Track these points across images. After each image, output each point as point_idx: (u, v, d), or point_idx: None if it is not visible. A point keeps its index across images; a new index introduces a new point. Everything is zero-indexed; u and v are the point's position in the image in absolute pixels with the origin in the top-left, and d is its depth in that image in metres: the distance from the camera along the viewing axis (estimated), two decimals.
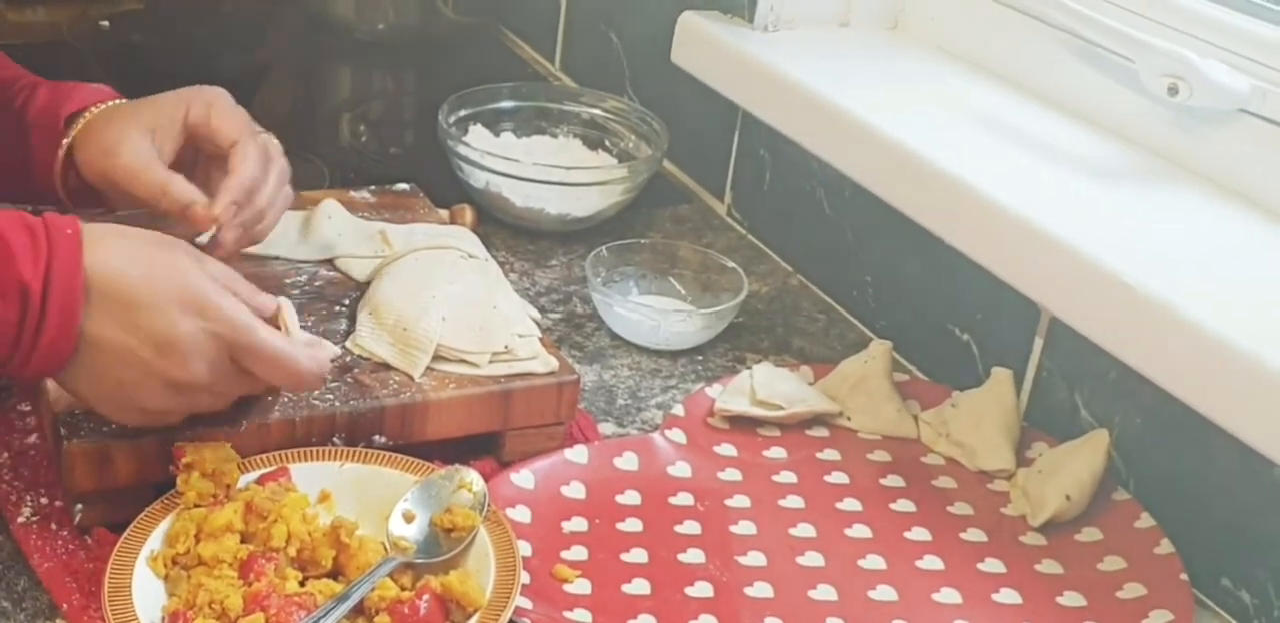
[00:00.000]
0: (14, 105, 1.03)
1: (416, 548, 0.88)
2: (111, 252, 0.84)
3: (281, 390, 0.92)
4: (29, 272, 0.80)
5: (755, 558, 0.94)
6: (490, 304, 1.03)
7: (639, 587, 0.91)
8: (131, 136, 0.98)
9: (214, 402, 0.88)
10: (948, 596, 0.92)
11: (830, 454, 1.05)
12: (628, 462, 1.02)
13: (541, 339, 1.02)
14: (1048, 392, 1.08)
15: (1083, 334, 0.97)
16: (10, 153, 1.03)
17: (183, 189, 0.96)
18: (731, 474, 1.02)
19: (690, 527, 0.97)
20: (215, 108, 0.99)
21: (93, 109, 1.01)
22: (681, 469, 1.02)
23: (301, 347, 0.88)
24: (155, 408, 0.85)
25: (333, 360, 0.93)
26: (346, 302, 1.05)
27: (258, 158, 0.98)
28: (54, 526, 0.90)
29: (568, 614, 0.87)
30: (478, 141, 1.35)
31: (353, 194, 1.20)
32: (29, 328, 0.81)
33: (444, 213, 1.23)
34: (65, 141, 1.00)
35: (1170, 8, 1.09)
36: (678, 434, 1.05)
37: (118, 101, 1.03)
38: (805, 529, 0.97)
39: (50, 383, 0.90)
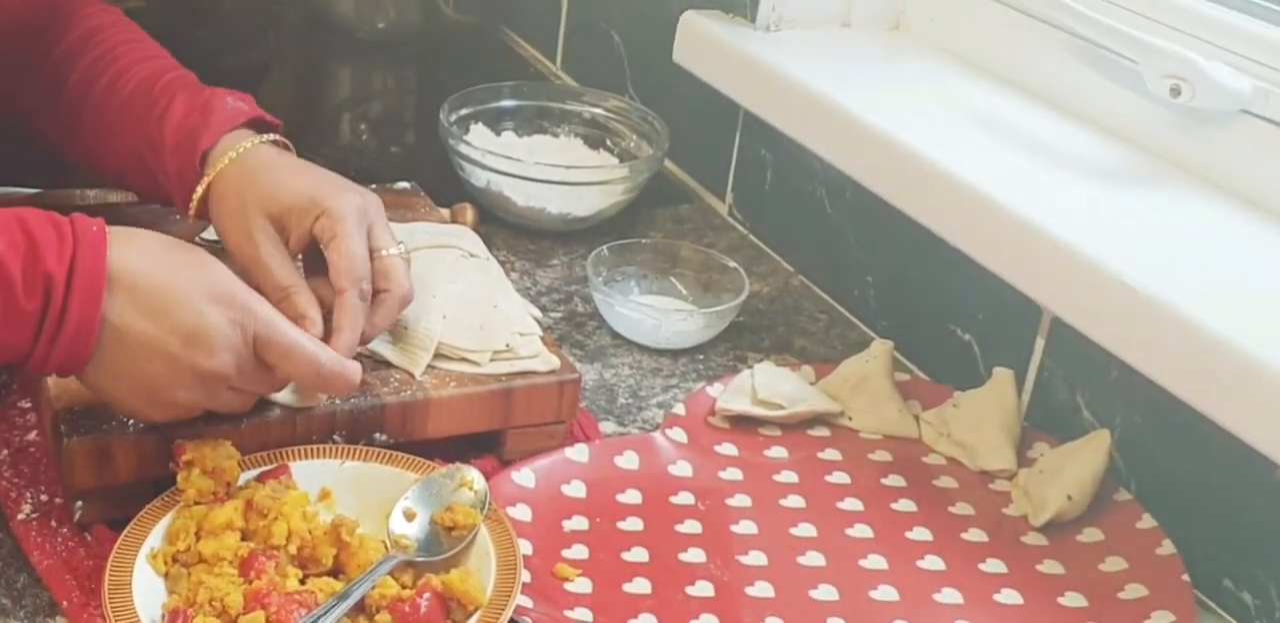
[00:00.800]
0: (154, 112, 1.02)
1: (417, 546, 0.87)
2: (136, 247, 0.84)
3: (315, 398, 0.93)
4: (53, 262, 0.81)
5: (756, 558, 0.94)
6: (491, 303, 1.03)
7: (640, 586, 0.90)
8: (263, 226, 0.95)
9: (236, 399, 0.88)
10: (949, 596, 0.92)
11: (831, 454, 1.05)
12: (628, 461, 1.02)
13: (543, 338, 1.02)
14: (1049, 392, 1.08)
15: (1084, 335, 0.96)
16: (148, 158, 1.02)
17: (302, 301, 0.93)
18: (732, 474, 1.02)
19: (691, 526, 0.96)
20: (339, 237, 0.93)
21: (230, 153, 0.98)
22: (682, 469, 1.02)
23: (325, 349, 0.88)
24: (182, 402, 0.85)
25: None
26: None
27: (361, 314, 0.93)
28: (54, 523, 0.89)
29: (568, 613, 0.87)
30: (479, 140, 1.35)
31: None
32: (51, 318, 0.81)
33: (445, 212, 1.23)
34: (200, 189, 0.99)
35: (1173, 8, 1.09)
36: (679, 434, 1.05)
37: (252, 142, 0.99)
38: (806, 529, 0.97)
39: (51, 380, 0.90)
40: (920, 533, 0.98)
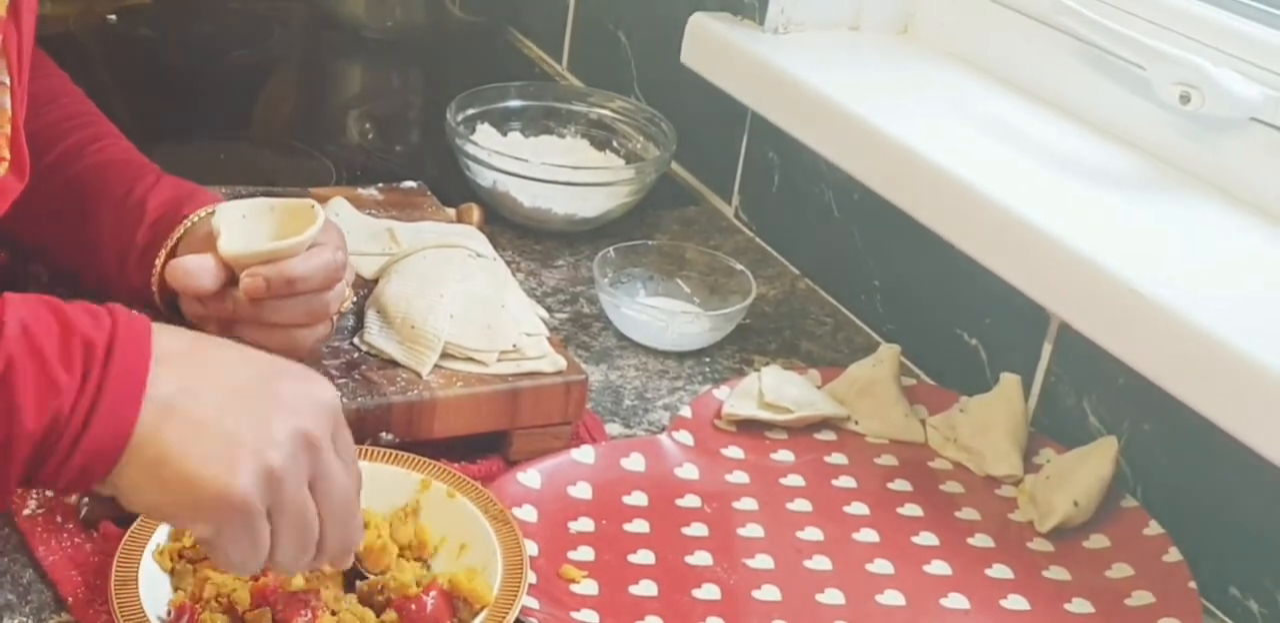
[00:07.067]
0: (134, 193, 0.98)
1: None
2: (173, 334, 0.75)
3: None
4: (91, 331, 0.70)
5: (762, 561, 0.94)
6: (499, 303, 1.03)
7: (646, 588, 0.90)
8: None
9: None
10: (955, 601, 0.92)
11: (838, 458, 1.05)
12: (634, 463, 1.01)
13: (550, 339, 1.02)
14: (1056, 398, 1.08)
15: (1092, 341, 0.96)
16: (117, 240, 0.97)
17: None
18: (739, 477, 1.02)
19: (697, 529, 0.96)
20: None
21: (208, 208, 0.96)
22: (689, 471, 1.02)
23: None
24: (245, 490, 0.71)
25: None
26: (354, 299, 1.05)
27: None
28: (59, 518, 0.89)
29: (574, 615, 0.87)
30: (485, 140, 1.35)
31: (360, 191, 1.20)
32: (89, 389, 0.68)
33: (451, 211, 1.23)
34: (176, 234, 0.95)
35: (1183, 15, 1.09)
36: (685, 436, 1.05)
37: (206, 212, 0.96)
38: (812, 533, 0.97)
39: None
40: (926, 538, 0.98)
